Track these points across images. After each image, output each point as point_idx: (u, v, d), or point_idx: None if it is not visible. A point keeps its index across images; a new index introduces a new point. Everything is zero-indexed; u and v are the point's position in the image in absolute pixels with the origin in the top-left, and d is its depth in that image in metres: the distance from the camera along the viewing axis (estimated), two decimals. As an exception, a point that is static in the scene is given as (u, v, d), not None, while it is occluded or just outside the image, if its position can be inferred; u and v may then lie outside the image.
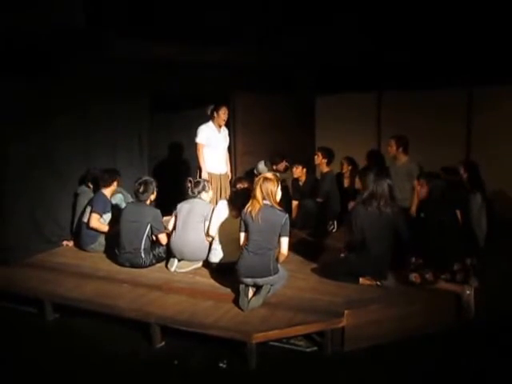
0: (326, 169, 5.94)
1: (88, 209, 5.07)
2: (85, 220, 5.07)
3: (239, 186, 4.57)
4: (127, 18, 5.37)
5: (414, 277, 3.95)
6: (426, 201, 4.23)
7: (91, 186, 5.40)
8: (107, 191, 5.14)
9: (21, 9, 4.67)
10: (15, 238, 4.85)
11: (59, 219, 5.39)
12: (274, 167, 6.50)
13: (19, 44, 4.53)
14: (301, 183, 6.16)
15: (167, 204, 5.02)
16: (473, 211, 4.36)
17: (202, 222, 4.50)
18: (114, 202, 5.29)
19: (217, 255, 4.37)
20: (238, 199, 4.36)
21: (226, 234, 4.33)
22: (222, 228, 4.39)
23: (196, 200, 4.64)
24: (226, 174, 5.63)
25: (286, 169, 6.56)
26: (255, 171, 6.41)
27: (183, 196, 4.78)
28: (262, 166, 6.38)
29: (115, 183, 5.20)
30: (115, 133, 5.91)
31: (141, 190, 4.63)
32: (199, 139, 5.35)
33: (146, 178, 4.80)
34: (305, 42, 6.42)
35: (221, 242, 4.37)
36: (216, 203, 4.64)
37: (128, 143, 6.15)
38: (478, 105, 6.76)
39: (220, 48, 5.98)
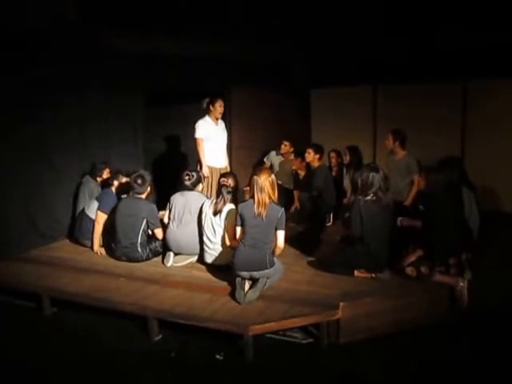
0: (317, 164, 5.95)
1: (95, 204, 4.98)
2: (89, 214, 5.01)
3: (223, 181, 4.46)
4: (121, 10, 5.32)
5: (410, 270, 3.99)
6: (427, 195, 4.25)
7: (98, 180, 5.40)
8: (114, 188, 5.12)
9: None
10: (11, 232, 4.84)
11: (55, 213, 5.38)
12: (282, 152, 6.65)
13: (11, 36, 4.49)
14: (301, 177, 6.21)
15: (164, 198, 5.02)
16: (464, 205, 4.41)
17: (197, 215, 4.51)
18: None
19: (212, 256, 4.38)
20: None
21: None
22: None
23: (191, 193, 4.65)
24: (226, 167, 5.63)
25: (291, 152, 6.61)
26: (265, 159, 6.87)
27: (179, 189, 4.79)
28: (273, 153, 6.81)
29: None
30: (110, 126, 5.89)
31: (139, 181, 4.64)
32: (198, 134, 5.32)
33: (142, 171, 4.81)
34: (300, 36, 6.41)
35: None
36: (217, 196, 4.50)
37: (122, 136, 6.12)
38: (472, 98, 6.79)
39: (216, 43, 5.97)
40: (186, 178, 4.65)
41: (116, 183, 5.12)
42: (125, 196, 5.01)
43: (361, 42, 6.43)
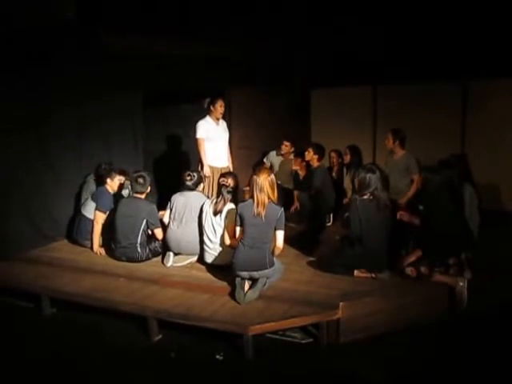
0: (316, 164, 5.95)
1: (91, 203, 4.98)
2: (85, 214, 5.02)
3: (223, 181, 4.45)
4: (120, 10, 5.31)
5: (410, 270, 3.99)
6: (426, 195, 4.25)
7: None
8: (110, 187, 5.09)
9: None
10: (11, 232, 4.84)
11: (55, 214, 5.38)
12: (282, 152, 6.65)
13: (9, 37, 4.48)
14: (300, 177, 6.21)
15: (165, 198, 5.02)
16: (465, 204, 4.40)
17: (197, 215, 4.51)
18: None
19: (212, 255, 4.38)
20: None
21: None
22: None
23: (191, 192, 4.65)
24: (228, 167, 5.62)
25: (292, 152, 6.61)
26: (265, 160, 6.89)
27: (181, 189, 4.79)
28: (273, 153, 6.81)
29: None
30: (109, 127, 5.87)
31: (140, 181, 4.64)
32: (199, 134, 5.32)
33: (143, 172, 4.82)
34: (301, 36, 6.41)
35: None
36: (218, 196, 4.49)
37: (122, 137, 6.11)
38: (473, 98, 6.79)
39: (216, 42, 5.96)
40: (188, 178, 4.65)
41: (109, 181, 5.08)
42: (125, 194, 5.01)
43: (361, 41, 6.43)
